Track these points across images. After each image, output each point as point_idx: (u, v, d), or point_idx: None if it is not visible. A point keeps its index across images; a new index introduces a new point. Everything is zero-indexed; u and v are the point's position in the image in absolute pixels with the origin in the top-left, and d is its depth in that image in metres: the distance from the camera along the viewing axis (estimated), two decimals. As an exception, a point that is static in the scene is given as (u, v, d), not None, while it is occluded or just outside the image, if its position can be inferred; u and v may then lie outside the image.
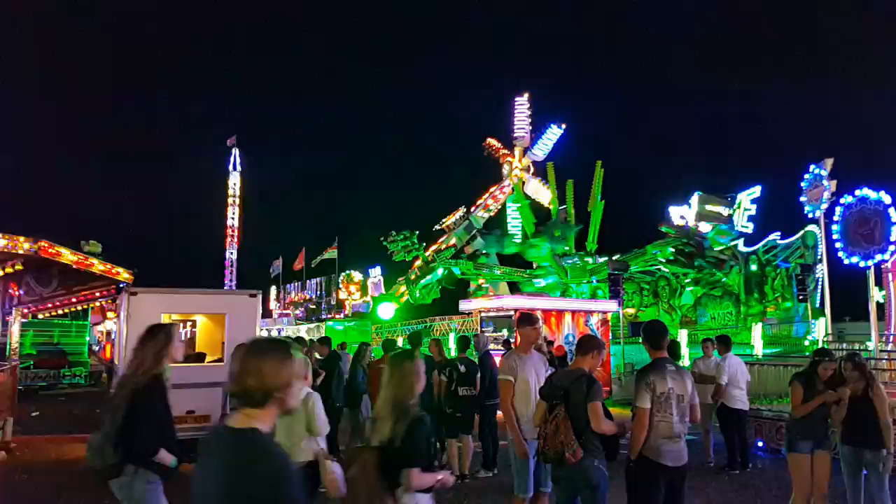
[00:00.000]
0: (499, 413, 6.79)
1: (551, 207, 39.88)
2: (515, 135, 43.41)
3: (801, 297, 27.65)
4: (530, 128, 43.08)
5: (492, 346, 11.47)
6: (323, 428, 5.23)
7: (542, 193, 41.82)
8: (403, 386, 3.62)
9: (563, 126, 42.42)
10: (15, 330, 12.02)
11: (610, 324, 19.53)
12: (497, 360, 8.25)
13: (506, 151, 43.42)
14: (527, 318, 6.03)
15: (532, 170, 43.10)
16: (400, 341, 21.96)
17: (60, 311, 14.86)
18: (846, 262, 13.61)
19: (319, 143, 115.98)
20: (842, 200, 13.92)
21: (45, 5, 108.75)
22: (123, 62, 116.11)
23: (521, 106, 43.37)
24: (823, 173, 23.46)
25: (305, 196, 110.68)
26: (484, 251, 38.80)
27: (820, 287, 30.48)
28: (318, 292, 48.08)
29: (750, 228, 36.20)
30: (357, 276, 45.59)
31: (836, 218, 13.38)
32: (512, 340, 11.80)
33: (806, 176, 23.92)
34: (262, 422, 2.28)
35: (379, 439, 3.49)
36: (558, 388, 4.87)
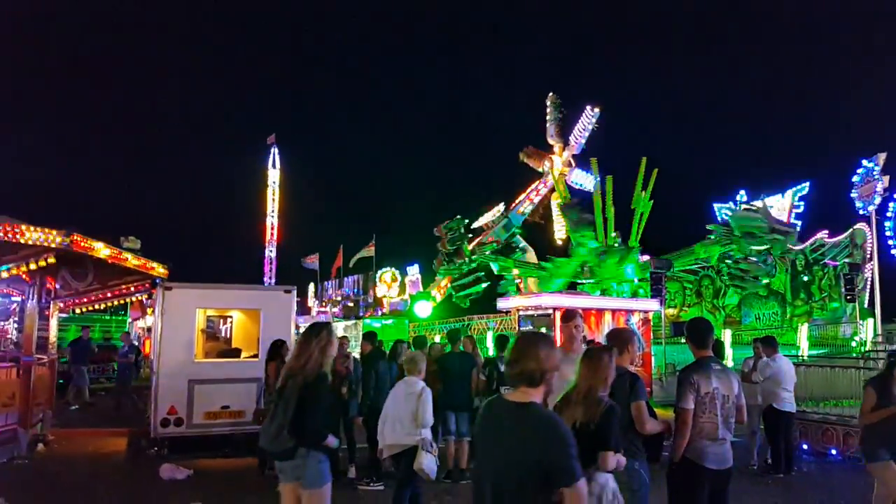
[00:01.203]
0: None
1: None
2: (571, 141, 40.98)
3: (848, 298, 26.68)
4: (584, 141, 40.47)
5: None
6: (428, 420, 5.86)
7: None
8: (597, 376, 4.00)
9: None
10: (53, 324, 12.14)
11: (651, 323, 19.04)
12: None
13: (554, 136, 41.53)
14: (564, 315, 5.83)
15: (573, 163, 41.24)
16: (437, 339, 21.80)
17: (98, 306, 15.04)
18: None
19: (357, 139, 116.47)
20: (896, 195, 13.32)
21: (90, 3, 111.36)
22: (161, 59, 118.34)
23: (590, 117, 40.29)
24: (876, 168, 22.62)
25: (343, 193, 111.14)
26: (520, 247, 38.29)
27: (869, 287, 29.45)
28: (356, 290, 48.15)
29: (798, 227, 35.16)
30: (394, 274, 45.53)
31: (889, 214, 12.77)
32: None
33: (858, 171, 23.09)
34: (536, 398, 2.82)
35: (569, 422, 3.78)
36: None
